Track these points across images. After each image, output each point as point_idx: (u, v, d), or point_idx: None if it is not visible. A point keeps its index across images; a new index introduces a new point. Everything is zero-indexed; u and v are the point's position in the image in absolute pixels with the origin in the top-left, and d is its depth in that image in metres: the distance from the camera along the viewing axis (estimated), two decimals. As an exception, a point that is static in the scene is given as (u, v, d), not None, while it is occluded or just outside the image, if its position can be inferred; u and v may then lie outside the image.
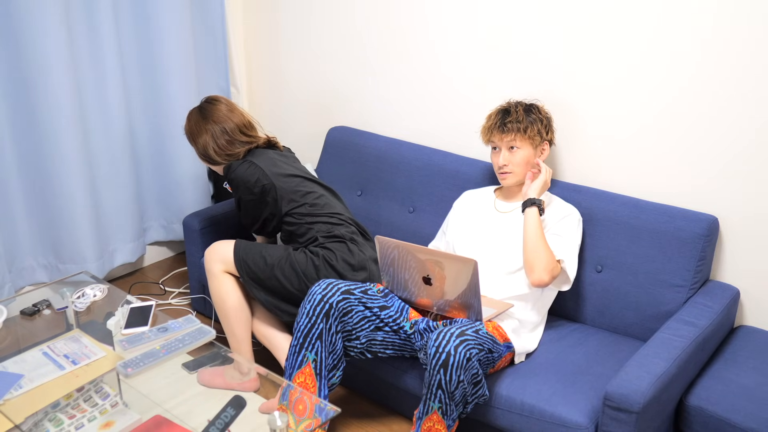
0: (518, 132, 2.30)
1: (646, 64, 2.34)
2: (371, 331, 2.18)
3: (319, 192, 2.53)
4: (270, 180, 2.46)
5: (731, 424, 1.92)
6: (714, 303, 2.21)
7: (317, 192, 2.52)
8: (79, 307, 2.21)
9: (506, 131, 2.31)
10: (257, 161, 2.49)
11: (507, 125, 2.31)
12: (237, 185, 2.49)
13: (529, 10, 2.55)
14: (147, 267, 3.53)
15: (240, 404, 1.61)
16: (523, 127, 2.31)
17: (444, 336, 1.95)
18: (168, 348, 1.84)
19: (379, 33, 3.02)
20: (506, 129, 2.31)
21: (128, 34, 3.10)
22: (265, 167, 2.47)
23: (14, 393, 1.80)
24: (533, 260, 2.19)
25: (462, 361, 1.91)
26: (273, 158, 2.54)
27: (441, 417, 1.97)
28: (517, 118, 2.32)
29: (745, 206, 2.26)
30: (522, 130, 2.30)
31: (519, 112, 2.33)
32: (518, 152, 2.32)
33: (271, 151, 2.58)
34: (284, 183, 2.48)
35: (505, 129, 2.32)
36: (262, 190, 2.46)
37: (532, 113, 2.35)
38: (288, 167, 2.54)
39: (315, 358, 2.13)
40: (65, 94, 2.81)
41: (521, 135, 2.31)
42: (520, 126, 2.31)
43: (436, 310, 2.21)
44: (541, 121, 2.35)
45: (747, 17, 2.12)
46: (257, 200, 2.48)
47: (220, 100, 2.60)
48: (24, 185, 2.92)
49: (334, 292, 2.14)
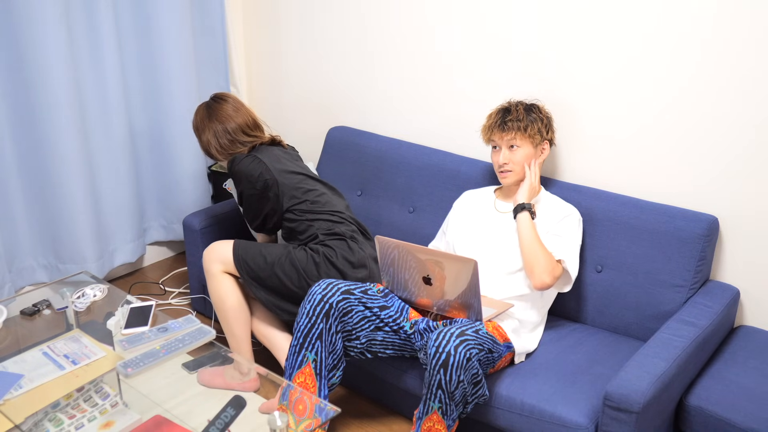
0: (518, 130, 2.31)
1: (646, 64, 2.34)
2: (371, 331, 2.18)
3: (320, 190, 2.53)
4: (272, 175, 2.46)
5: (731, 424, 1.92)
6: (714, 303, 2.21)
7: (319, 190, 2.53)
8: (79, 307, 2.21)
9: (506, 129, 2.32)
10: (261, 156, 2.49)
11: (507, 124, 2.32)
12: (240, 179, 2.49)
13: (529, 11, 2.55)
14: (147, 267, 3.53)
15: (240, 404, 1.61)
16: (524, 125, 2.31)
17: (444, 336, 1.95)
18: (168, 348, 1.84)
19: (379, 33, 3.02)
20: (506, 127, 2.32)
21: (128, 34, 3.10)
22: (268, 163, 2.48)
23: (14, 393, 1.80)
24: (532, 264, 2.19)
25: (462, 361, 1.91)
26: (277, 155, 2.54)
27: (441, 417, 1.97)
28: (518, 116, 2.32)
29: (745, 206, 2.26)
30: (522, 128, 2.31)
31: (519, 111, 2.33)
32: (518, 151, 2.32)
33: (276, 148, 2.59)
34: (286, 179, 2.48)
35: (506, 127, 2.32)
36: (264, 185, 2.46)
37: (532, 112, 2.35)
38: (291, 164, 2.55)
39: (315, 358, 2.13)
40: (65, 94, 2.81)
41: (521, 133, 2.31)
42: (521, 124, 2.31)
43: (436, 310, 2.21)
44: (542, 120, 2.36)
45: (747, 17, 2.12)
46: (259, 195, 2.48)
47: (228, 98, 2.60)
48: (24, 185, 2.92)
49: (334, 292, 2.14)
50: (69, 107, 2.83)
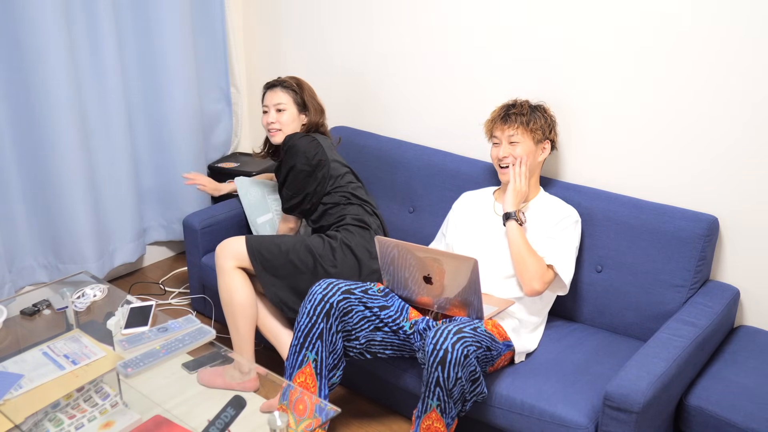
0: (521, 125, 2.31)
1: (646, 63, 2.34)
2: (370, 331, 2.18)
3: (358, 183, 2.69)
4: (326, 157, 2.56)
5: (731, 424, 1.92)
6: (714, 303, 2.21)
7: (357, 183, 2.68)
8: (79, 307, 2.21)
9: (509, 123, 2.32)
10: (318, 139, 2.62)
11: (510, 116, 2.32)
12: (295, 153, 2.54)
13: (529, 11, 2.55)
14: (147, 267, 3.53)
15: (240, 404, 1.61)
16: (526, 120, 2.31)
17: (441, 333, 1.95)
18: (168, 348, 1.84)
19: (379, 33, 3.02)
20: (509, 120, 2.32)
21: (128, 34, 3.10)
22: (324, 146, 2.60)
23: (14, 393, 1.80)
24: (521, 272, 2.20)
25: (459, 358, 1.91)
26: (328, 144, 2.69)
27: (440, 415, 1.97)
28: (522, 111, 2.33)
29: (745, 206, 2.26)
30: (525, 122, 2.31)
31: (524, 106, 2.35)
32: (518, 146, 2.32)
33: (327, 138, 2.73)
34: (333, 165, 2.60)
35: (508, 120, 2.32)
36: (317, 164, 2.56)
37: (537, 111, 2.36)
38: (337, 155, 2.68)
39: (315, 358, 2.13)
40: (65, 94, 2.81)
41: (523, 127, 2.31)
42: (523, 119, 2.31)
43: (436, 308, 2.21)
44: (545, 119, 2.36)
45: (746, 17, 2.12)
46: (308, 173, 2.55)
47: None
48: (24, 185, 2.92)
49: (334, 291, 2.14)
50: (69, 107, 2.83)
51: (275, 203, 2.91)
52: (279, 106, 2.63)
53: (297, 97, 2.66)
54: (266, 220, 2.88)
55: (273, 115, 2.64)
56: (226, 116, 3.60)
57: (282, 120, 2.64)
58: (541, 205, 2.38)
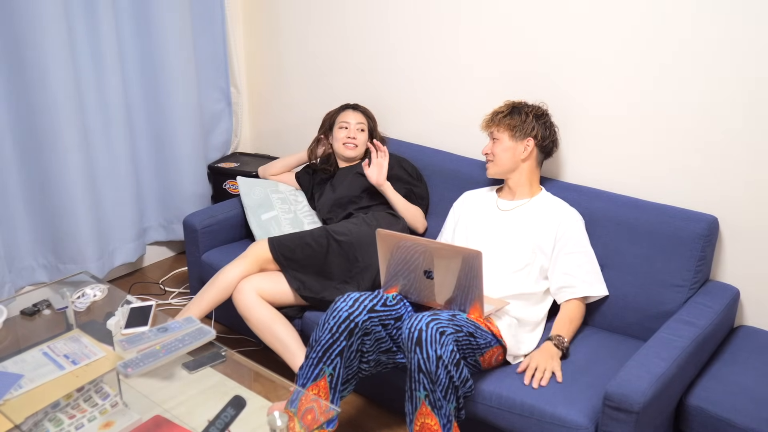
0: (499, 123, 2.42)
1: (646, 63, 2.34)
2: (381, 352, 2.19)
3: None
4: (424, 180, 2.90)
5: (731, 424, 1.92)
6: (714, 303, 2.21)
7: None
8: (79, 307, 2.21)
9: (492, 121, 2.45)
10: None
11: (495, 116, 2.45)
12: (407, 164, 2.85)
13: (529, 11, 2.55)
14: (147, 267, 3.53)
15: (240, 404, 1.61)
16: (504, 116, 2.42)
17: (416, 318, 1.99)
18: (168, 348, 1.84)
19: (379, 33, 3.02)
20: (492, 119, 2.45)
21: (128, 34, 3.10)
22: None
23: (14, 393, 1.80)
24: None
25: (435, 335, 1.92)
26: None
27: (430, 409, 1.95)
28: (502, 109, 2.45)
29: (745, 206, 2.26)
30: (502, 120, 2.42)
31: (510, 106, 2.45)
32: (498, 143, 2.41)
33: None
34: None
35: (492, 119, 2.45)
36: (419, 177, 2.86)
37: (522, 111, 2.42)
38: None
39: (332, 373, 2.12)
40: (65, 94, 2.81)
41: (502, 126, 2.41)
42: (502, 116, 2.43)
43: (441, 306, 2.20)
44: (526, 117, 2.40)
45: (745, 17, 2.12)
46: (415, 178, 2.83)
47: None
48: (24, 185, 2.92)
49: (360, 310, 2.11)
50: (69, 108, 2.83)
51: (279, 201, 2.93)
52: (361, 126, 2.88)
53: (371, 125, 2.93)
54: (271, 217, 2.89)
55: (353, 131, 2.88)
56: (226, 116, 3.60)
57: (360, 139, 2.87)
58: (542, 204, 2.39)
